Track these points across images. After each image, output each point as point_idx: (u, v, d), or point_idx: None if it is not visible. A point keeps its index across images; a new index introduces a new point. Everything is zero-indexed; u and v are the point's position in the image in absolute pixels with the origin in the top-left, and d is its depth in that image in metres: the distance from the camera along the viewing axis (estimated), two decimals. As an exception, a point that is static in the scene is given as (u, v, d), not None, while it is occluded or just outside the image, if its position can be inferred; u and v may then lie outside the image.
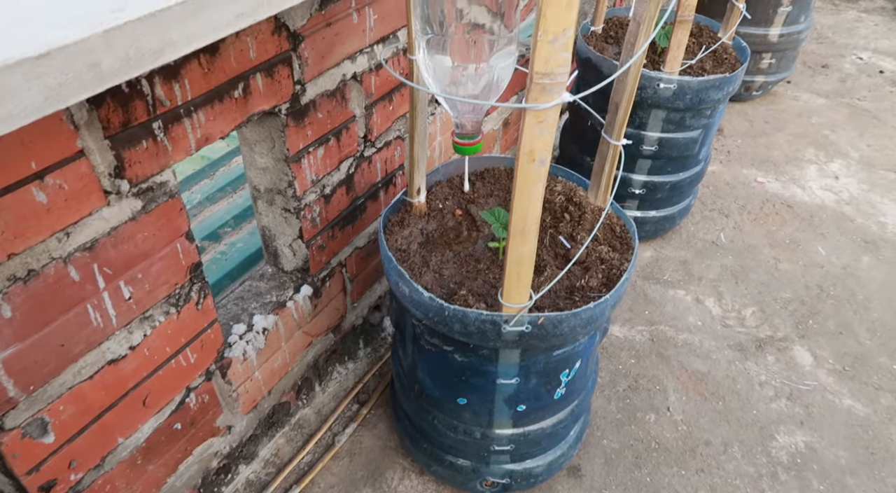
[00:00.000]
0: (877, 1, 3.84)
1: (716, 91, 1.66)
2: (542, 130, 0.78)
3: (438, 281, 1.12)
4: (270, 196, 1.22)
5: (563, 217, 1.23)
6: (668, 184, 1.87)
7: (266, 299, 1.28)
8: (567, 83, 0.76)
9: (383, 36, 1.26)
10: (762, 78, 2.67)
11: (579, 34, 1.84)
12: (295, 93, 1.10)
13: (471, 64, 0.96)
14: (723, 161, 2.44)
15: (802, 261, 2.01)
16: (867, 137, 2.59)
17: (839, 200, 2.26)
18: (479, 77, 0.98)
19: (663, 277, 1.94)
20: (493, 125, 1.92)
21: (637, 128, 1.75)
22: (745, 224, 2.15)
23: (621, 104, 1.08)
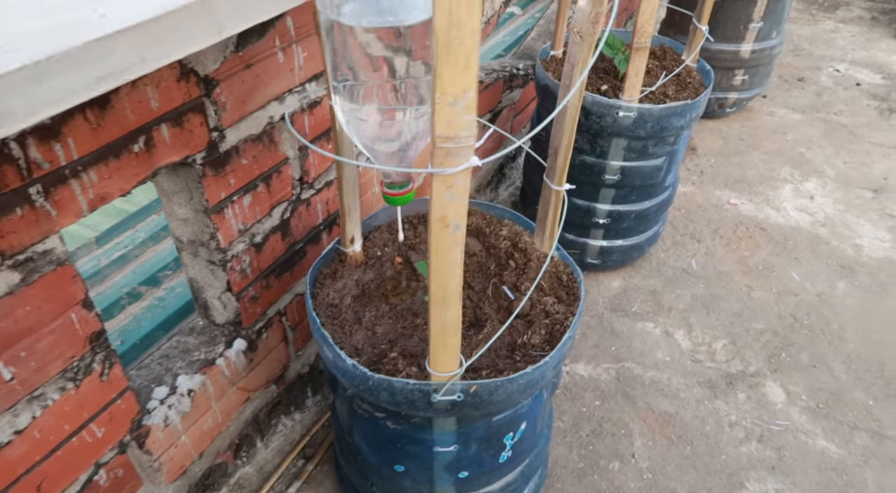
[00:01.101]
0: (854, 10, 3.81)
1: (678, 118, 1.59)
2: (452, 195, 0.70)
3: (371, 340, 1.04)
4: (194, 248, 1.14)
5: (509, 264, 1.15)
6: (634, 213, 1.79)
7: (193, 356, 1.19)
8: (476, 145, 0.68)
9: (316, 74, 1.19)
10: (735, 95, 2.61)
11: (538, 60, 1.77)
12: (212, 140, 1.02)
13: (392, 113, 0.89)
14: (695, 182, 2.38)
15: (776, 288, 1.94)
16: (843, 153, 2.53)
17: (814, 221, 2.20)
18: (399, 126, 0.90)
19: (632, 308, 1.87)
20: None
21: (598, 157, 1.68)
22: (717, 249, 2.08)
23: (560, 149, 1.01)
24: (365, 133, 0.89)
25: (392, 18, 0.82)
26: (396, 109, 0.87)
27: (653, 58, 1.82)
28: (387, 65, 0.82)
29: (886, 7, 3.82)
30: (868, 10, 3.81)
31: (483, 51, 2.48)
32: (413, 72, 0.85)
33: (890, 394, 1.62)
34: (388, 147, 0.90)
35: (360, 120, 0.88)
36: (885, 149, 2.54)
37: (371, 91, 0.86)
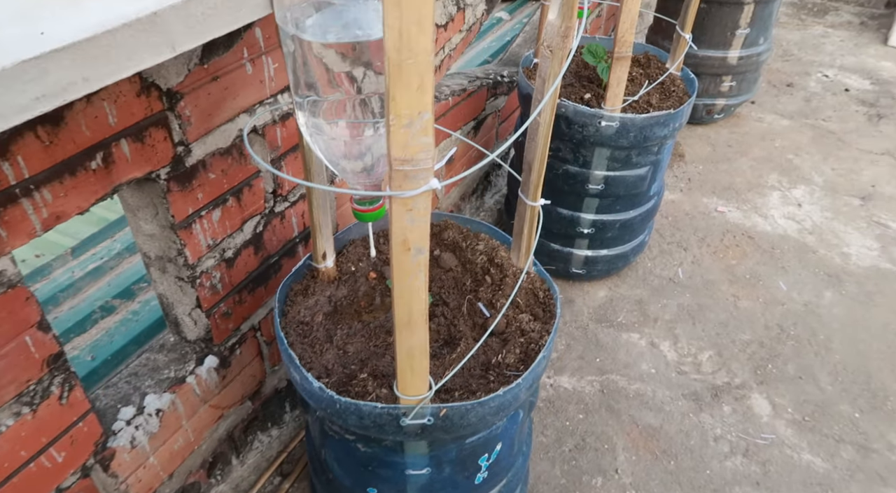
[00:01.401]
0: (843, 15, 3.80)
1: (661, 128, 1.57)
2: (412, 218, 0.68)
3: (342, 359, 1.01)
4: (162, 264, 1.11)
5: (485, 280, 1.12)
6: (618, 222, 1.77)
7: (163, 374, 1.16)
8: (434, 168, 0.66)
9: (288, 85, 1.16)
10: (723, 101, 2.59)
11: (520, 68, 1.74)
12: (177, 155, 0.99)
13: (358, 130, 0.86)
14: (683, 189, 2.36)
15: (763, 298, 1.92)
16: (831, 160, 2.52)
17: (802, 229, 2.18)
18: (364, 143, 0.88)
19: (617, 319, 1.85)
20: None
21: (581, 166, 1.66)
22: (704, 258, 2.06)
23: (534, 163, 0.99)
24: (330, 150, 0.87)
25: (360, 32, 0.80)
26: (362, 126, 0.84)
27: (637, 66, 1.81)
28: (351, 81, 0.80)
29: (875, 12, 3.82)
30: (857, 14, 3.80)
31: (468, 58, 2.46)
32: (379, 87, 0.83)
33: (876, 406, 1.60)
34: (355, 165, 0.88)
35: (324, 137, 0.85)
36: (872, 155, 2.53)
37: (335, 108, 0.84)
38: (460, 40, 1.73)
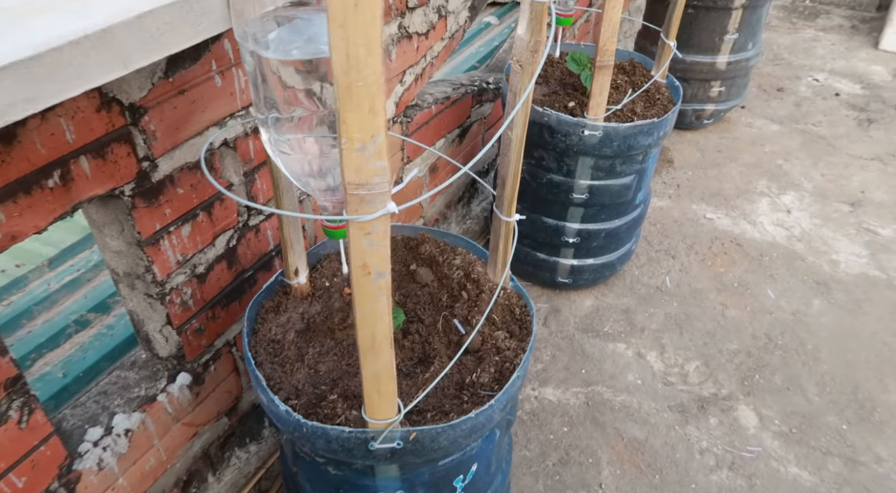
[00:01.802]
0: (834, 19, 3.79)
1: (645, 137, 1.55)
2: (371, 242, 0.65)
3: (313, 379, 0.99)
4: (130, 280, 1.09)
5: (461, 296, 1.10)
6: (604, 231, 1.75)
7: (133, 393, 1.14)
8: (391, 192, 0.64)
9: (260, 96, 1.13)
10: (713, 106, 2.58)
11: (503, 76, 1.72)
12: (142, 170, 0.96)
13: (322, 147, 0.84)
14: (672, 196, 2.34)
15: (750, 307, 1.90)
16: (821, 165, 2.51)
17: (790, 236, 2.16)
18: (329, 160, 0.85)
19: (604, 328, 1.83)
20: (419, 172, 1.80)
21: (565, 175, 1.64)
22: (692, 266, 2.04)
23: (508, 178, 0.96)
24: (295, 168, 0.85)
25: (325, 47, 0.77)
26: (326, 143, 0.82)
27: (622, 73, 1.79)
28: (311, 97, 0.78)
29: (866, 16, 3.81)
30: (848, 18, 3.80)
31: (455, 63, 2.44)
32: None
33: (863, 418, 1.58)
34: (320, 183, 0.86)
35: (288, 155, 0.83)
36: (862, 161, 2.52)
37: (298, 125, 0.81)
38: (442, 48, 1.71)
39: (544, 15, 0.80)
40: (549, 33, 0.81)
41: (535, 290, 1.94)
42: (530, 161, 1.68)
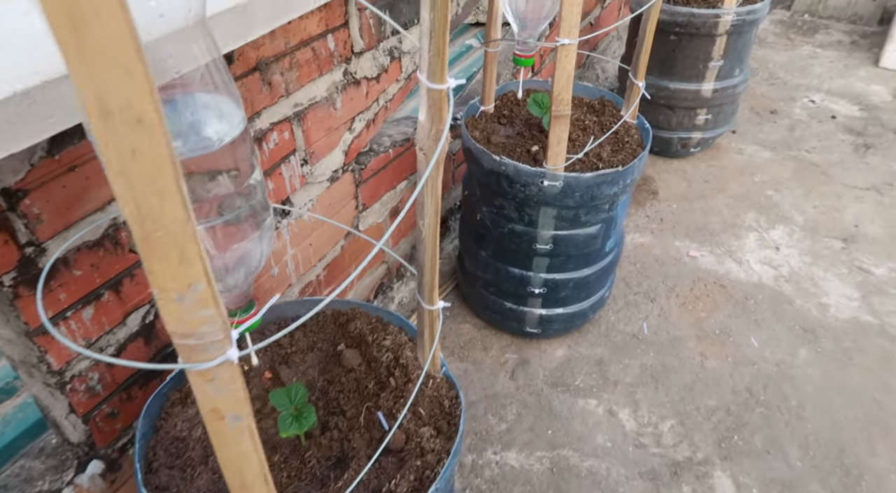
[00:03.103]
0: (833, 34, 3.67)
1: (610, 186, 1.45)
2: (217, 388, 0.56)
3: (216, 486, 0.90)
4: (27, 368, 1.00)
5: (389, 383, 1.01)
6: (572, 281, 1.65)
7: (36, 487, 1.05)
8: (232, 338, 0.54)
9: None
10: (699, 134, 2.47)
11: (462, 119, 1.63)
12: (25, 257, 0.88)
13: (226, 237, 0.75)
14: (654, 231, 2.23)
15: (732, 357, 1.79)
16: (813, 196, 2.39)
17: (778, 276, 2.05)
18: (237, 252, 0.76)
19: (575, 382, 1.72)
20: (377, 218, 1.71)
21: (527, 225, 1.54)
22: (671, 310, 1.93)
23: (426, 267, 0.87)
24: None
25: (213, 136, 0.69)
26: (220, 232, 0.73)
27: (591, 112, 1.69)
28: (210, 196, 0.69)
29: (867, 30, 3.68)
30: (848, 33, 3.67)
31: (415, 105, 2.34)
32: (227, 187, 0.72)
33: (848, 486, 1.47)
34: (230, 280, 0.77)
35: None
36: (857, 191, 2.40)
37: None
38: (398, 90, 1.61)
39: (443, 102, 0.70)
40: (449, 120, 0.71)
41: (505, 338, 1.84)
42: (491, 209, 1.58)
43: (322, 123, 1.38)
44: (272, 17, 0.94)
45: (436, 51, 0.67)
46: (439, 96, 0.70)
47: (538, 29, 1.44)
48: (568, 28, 1.20)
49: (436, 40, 0.66)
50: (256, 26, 0.91)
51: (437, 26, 0.65)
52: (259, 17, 0.90)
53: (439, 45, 0.66)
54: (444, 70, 0.68)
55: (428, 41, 0.66)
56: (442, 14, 0.64)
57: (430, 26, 0.65)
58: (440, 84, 0.69)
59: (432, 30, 0.65)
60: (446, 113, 0.71)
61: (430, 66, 0.68)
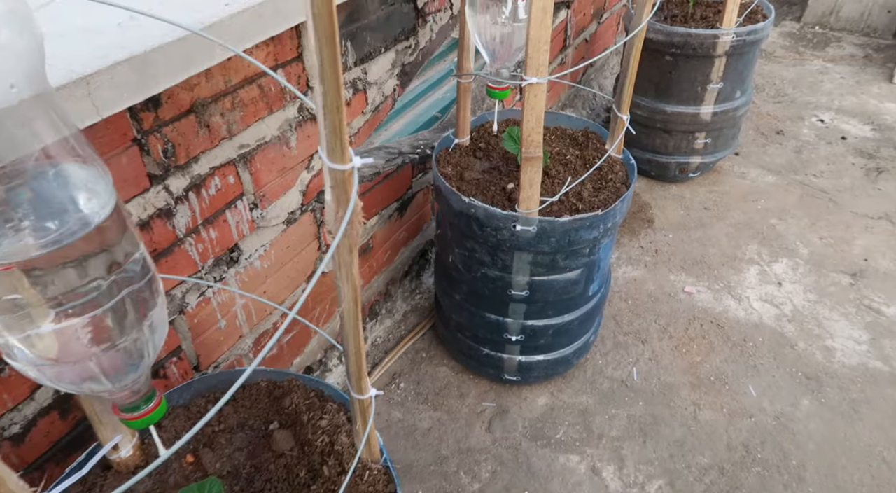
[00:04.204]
0: (845, 47, 3.51)
1: (589, 231, 1.33)
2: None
3: None
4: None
5: (322, 472, 0.89)
6: (552, 328, 1.53)
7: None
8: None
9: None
10: (698, 159, 2.34)
11: (434, 156, 1.52)
12: None
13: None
14: (648, 264, 2.10)
15: (728, 407, 1.66)
16: (820, 226, 2.25)
17: (780, 315, 1.91)
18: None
19: (556, 435, 1.60)
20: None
21: (501, 270, 1.43)
22: (664, 354, 1.80)
23: (350, 353, 0.76)
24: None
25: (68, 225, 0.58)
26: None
27: (574, 146, 1.57)
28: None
29: (882, 43, 3.52)
30: (861, 46, 3.51)
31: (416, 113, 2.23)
32: (98, 273, 0.61)
33: (853, 563, 1.34)
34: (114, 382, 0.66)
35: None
36: (867, 220, 2.25)
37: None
38: (364, 123, 1.51)
39: (349, 184, 0.59)
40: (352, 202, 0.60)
41: (483, 384, 1.72)
42: (463, 252, 1.47)
43: (274, 164, 1.27)
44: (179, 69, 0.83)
45: (331, 128, 0.55)
46: (342, 177, 0.59)
47: (512, 60, 1.33)
48: (535, 66, 1.08)
49: (330, 117, 0.55)
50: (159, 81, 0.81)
51: (328, 101, 0.54)
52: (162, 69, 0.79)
53: (335, 122, 0.55)
54: (343, 148, 0.57)
55: (322, 117, 0.55)
56: (333, 87, 0.53)
57: (322, 100, 0.54)
58: (340, 164, 0.58)
59: (324, 105, 0.54)
60: (354, 193, 0.60)
61: (329, 145, 0.57)
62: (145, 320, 0.67)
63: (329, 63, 0.51)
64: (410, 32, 1.54)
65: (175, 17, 0.85)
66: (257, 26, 0.94)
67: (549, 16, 1.03)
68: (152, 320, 0.67)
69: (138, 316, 0.65)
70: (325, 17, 0.48)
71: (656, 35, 2.09)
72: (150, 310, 0.68)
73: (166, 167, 1.05)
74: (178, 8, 0.86)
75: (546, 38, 1.05)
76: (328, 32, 0.49)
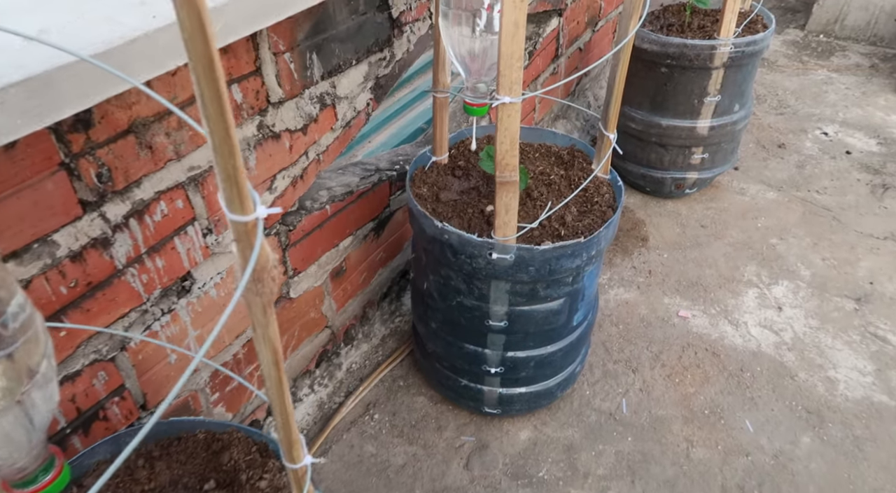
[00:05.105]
0: (851, 56, 3.41)
1: (570, 259, 1.23)
2: None
3: None
4: None
5: (257, 541, 0.80)
6: (533, 360, 1.43)
7: None
8: None
9: None
10: (695, 174, 2.24)
11: (409, 175, 1.42)
12: None
13: None
14: (641, 286, 2.00)
15: (723, 444, 1.55)
16: (823, 246, 2.14)
17: (780, 342, 1.81)
18: None
19: (538, 473, 1.50)
20: (314, 281, 1.50)
21: (478, 300, 1.33)
22: (655, 384, 1.70)
23: (279, 423, 0.66)
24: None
25: None
26: None
27: (559, 165, 1.47)
28: None
29: (888, 52, 3.42)
30: (867, 55, 3.41)
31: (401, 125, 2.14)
32: None
33: None
34: None
35: None
36: (873, 241, 2.15)
37: None
38: (334, 140, 1.41)
39: (253, 236, 0.50)
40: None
41: (463, 416, 1.62)
42: (438, 280, 1.37)
43: (231, 186, 1.18)
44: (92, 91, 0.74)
45: (224, 175, 0.46)
46: (244, 230, 0.49)
47: (489, 75, 1.23)
48: (508, 85, 0.98)
49: (221, 161, 0.45)
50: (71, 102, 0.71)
51: (216, 141, 0.44)
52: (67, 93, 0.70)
53: (227, 168, 0.45)
54: (242, 197, 0.47)
55: (214, 161, 0.46)
56: (220, 126, 0.43)
57: (212, 143, 0.44)
58: (240, 215, 0.48)
59: (215, 148, 0.45)
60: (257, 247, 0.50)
61: (225, 193, 0.47)
62: (24, 386, 0.57)
63: (211, 98, 0.42)
64: (385, 43, 1.44)
65: (94, 31, 0.76)
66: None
67: (521, 30, 0.93)
68: (33, 387, 0.58)
69: (11, 384, 0.56)
70: (199, 39, 0.39)
71: (651, 46, 1.99)
72: (33, 375, 0.58)
73: (101, 193, 0.96)
74: (99, 20, 0.77)
75: (519, 53, 0.96)
76: (204, 58, 0.40)
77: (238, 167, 0.46)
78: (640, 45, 2.02)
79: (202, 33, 0.38)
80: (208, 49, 0.39)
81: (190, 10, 0.37)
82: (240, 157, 0.46)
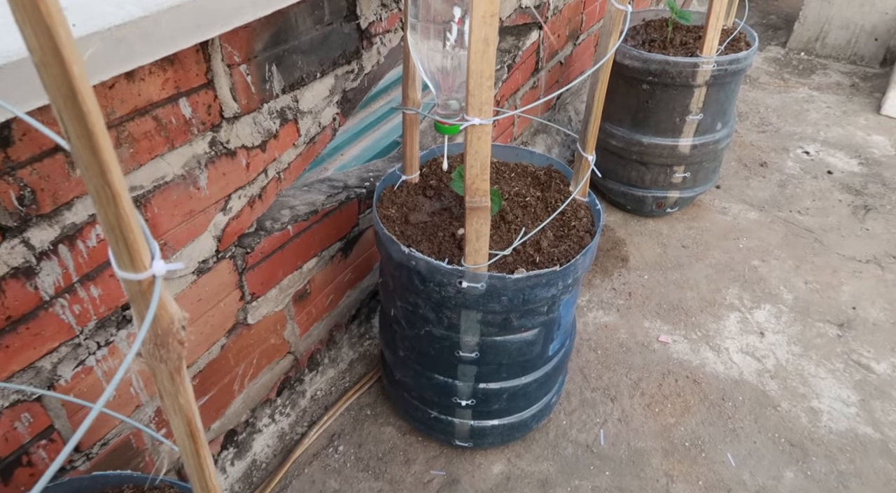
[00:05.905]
0: (831, 75, 3.40)
1: (545, 288, 1.16)
2: None
3: None
4: None
5: None
6: (506, 391, 1.35)
7: None
8: None
9: None
10: (676, 193, 2.18)
11: (376, 195, 1.34)
12: None
13: None
14: (621, 309, 1.94)
15: (704, 479, 1.48)
16: (805, 269, 2.10)
17: (762, 370, 1.75)
18: None
19: (510, 511, 1.42)
20: (274, 306, 1.41)
21: (447, 329, 1.25)
22: (634, 414, 1.63)
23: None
24: None
25: None
26: None
27: (535, 186, 1.40)
28: None
29: (868, 72, 3.42)
30: (848, 74, 3.40)
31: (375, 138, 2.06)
32: None
33: None
34: None
35: None
36: (855, 264, 2.11)
37: None
38: (297, 157, 1.33)
39: (149, 296, 0.41)
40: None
41: (433, 448, 1.54)
42: (406, 307, 1.29)
43: (179, 207, 1.09)
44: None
45: (108, 226, 0.37)
46: (138, 289, 0.41)
47: (461, 91, 1.16)
48: (478, 105, 0.91)
49: (103, 210, 0.37)
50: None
51: (92, 188, 0.36)
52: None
53: (110, 219, 0.37)
54: (131, 252, 0.39)
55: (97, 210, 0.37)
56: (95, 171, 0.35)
57: (88, 187, 0.36)
58: (131, 273, 0.39)
59: (91, 192, 0.36)
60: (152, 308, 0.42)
61: (112, 248, 0.39)
62: None
63: (79, 135, 0.33)
64: (353, 55, 1.36)
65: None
66: (119, 53, 0.76)
67: (492, 47, 0.86)
68: None
69: None
70: (54, 64, 0.30)
71: (633, 62, 1.94)
72: None
73: (24, 217, 0.86)
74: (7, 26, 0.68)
75: (490, 72, 0.88)
76: (64, 87, 0.31)
77: (123, 216, 0.37)
78: (621, 61, 1.96)
79: (57, 58, 0.30)
80: (67, 75, 0.31)
81: (37, 27, 0.29)
82: (126, 204, 0.37)
